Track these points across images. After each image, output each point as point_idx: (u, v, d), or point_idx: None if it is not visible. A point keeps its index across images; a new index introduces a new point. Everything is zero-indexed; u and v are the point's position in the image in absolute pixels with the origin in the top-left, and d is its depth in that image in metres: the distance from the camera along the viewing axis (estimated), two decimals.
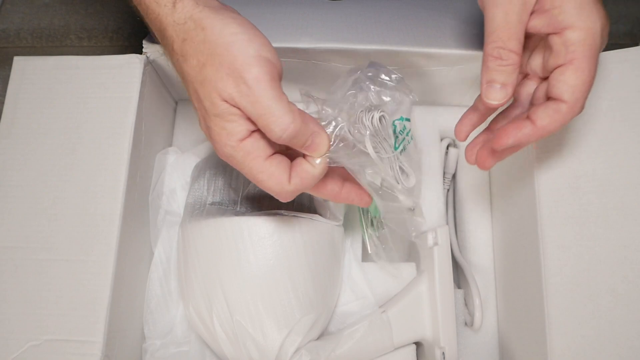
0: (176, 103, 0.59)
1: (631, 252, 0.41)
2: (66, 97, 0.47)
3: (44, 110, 0.46)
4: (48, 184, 0.44)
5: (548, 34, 0.34)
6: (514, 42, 0.33)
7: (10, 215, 0.44)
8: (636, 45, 0.45)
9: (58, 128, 0.46)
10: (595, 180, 0.42)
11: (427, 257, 0.50)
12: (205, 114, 0.35)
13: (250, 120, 0.34)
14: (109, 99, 0.46)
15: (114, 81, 0.47)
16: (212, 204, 0.48)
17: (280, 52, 0.41)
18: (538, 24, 0.34)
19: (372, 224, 0.50)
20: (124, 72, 0.47)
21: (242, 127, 0.34)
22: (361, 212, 0.51)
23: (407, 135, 0.43)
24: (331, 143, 0.37)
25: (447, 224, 0.56)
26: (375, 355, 0.48)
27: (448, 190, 0.58)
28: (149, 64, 0.49)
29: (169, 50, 0.35)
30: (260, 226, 0.44)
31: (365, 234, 0.50)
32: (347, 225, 0.53)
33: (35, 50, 0.67)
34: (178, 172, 0.54)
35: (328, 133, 0.37)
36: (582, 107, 0.33)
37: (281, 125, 0.33)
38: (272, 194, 0.36)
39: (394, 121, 0.42)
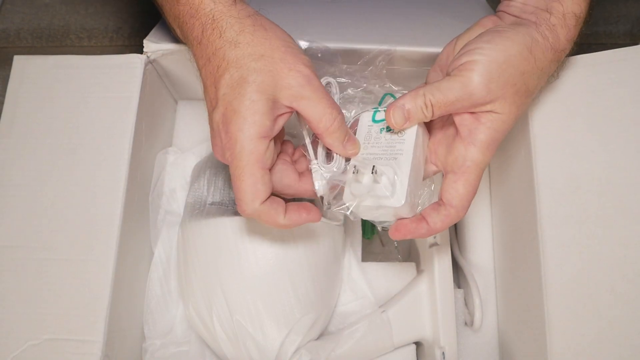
0: (176, 103, 0.59)
1: (631, 251, 0.41)
2: (66, 96, 0.47)
3: (44, 110, 0.46)
4: (48, 184, 0.44)
5: (460, 133, 0.39)
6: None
7: (10, 215, 0.44)
8: (636, 44, 0.45)
9: (58, 128, 0.46)
10: (595, 180, 0.42)
11: (427, 257, 0.50)
12: (237, 98, 0.36)
13: (275, 123, 0.37)
14: (109, 99, 0.46)
15: (114, 81, 0.47)
16: (212, 204, 0.48)
17: None
18: (466, 121, 0.38)
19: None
20: (124, 71, 0.47)
21: (269, 124, 0.36)
22: None
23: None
24: None
25: None
26: (375, 355, 0.48)
27: None
28: (150, 63, 0.49)
29: (214, 38, 0.37)
30: (260, 226, 0.44)
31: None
32: (347, 225, 0.53)
33: (35, 50, 0.67)
34: (178, 172, 0.54)
35: None
36: (466, 211, 0.39)
37: (334, 112, 0.38)
38: (238, 199, 0.37)
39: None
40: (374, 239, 0.60)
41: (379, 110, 0.41)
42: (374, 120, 0.41)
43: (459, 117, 0.38)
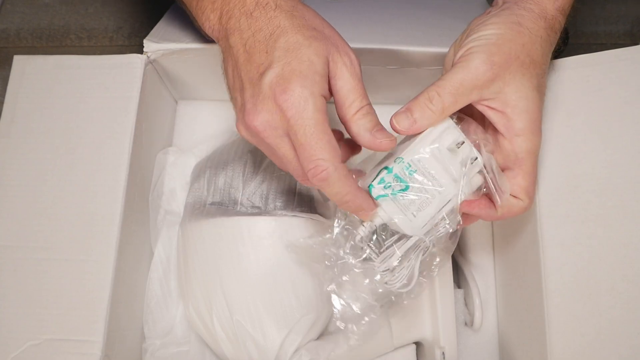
0: (176, 103, 0.59)
1: (630, 251, 0.41)
2: (66, 96, 0.47)
3: (44, 110, 0.46)
4: (48, 184, 0.44)
5: (499, 132, 0.38)
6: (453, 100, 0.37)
7: (9, 215, 0.44)
8: (636, 44, 0.45)
9: (58, 128, 0.46)
10: (595, 180, 0.42)
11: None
12: (295, 59, 0.35)
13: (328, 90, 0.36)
14: (109, 99, 0.46)
15: (114, 81, 0.47)
16: (212, 204, 0.48)
17: None
18: (495, 119, 0.38)
19: None
20: (124, 71, 0.47)
21: (326, 86, 0.36)
22: None
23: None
24: None
25: None
26: (375, 355, 0.48)
27: None
28: (150, 63, 0.49)
29: (269, 9, 0.37)
30: (260, 226, 0.44)
31: None
32: None
33: (35, 50, 0.67)
34: (178, 172, 0.54)
35: None
36: (532, 201, 0.39)
37: (365, 100, 0.36)
38: (317, 160, 0.34)
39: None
40: None
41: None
42: (392, 192, 0.38)
43: (487, 116, 0.38)
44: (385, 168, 0.38)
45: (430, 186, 0.37)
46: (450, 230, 0.39)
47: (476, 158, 0.38)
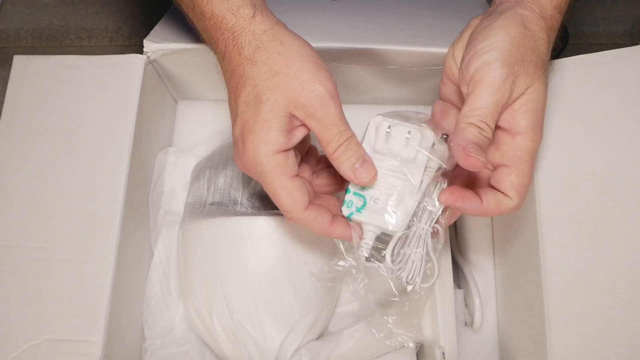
0: (176, 103, 0.59)
1: (630, 251, 0.41)
2: (66, 96, 0.47)
3: (44, 110, 0.46)
4: (48, 184, 0.44)
5: (501, 127, 0.38)
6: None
7: (9, 215, 0.44)
8: (636, 44, 0.45)
9: (58, 127, 0.46)
10: (595, 180, 0.42)
11: None
12: (252, 117, 0.36)
13: (292, 136, 0.37)
14: (109, 99, 0.46)
15: (114, 81, 0.47)
16: (212, 204, 0.48)
17: None
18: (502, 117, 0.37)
19: None
20: (124, 71, 0.47)
21: (284, 140, 0.36)
22: None
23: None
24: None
25: None
26: (375, 355, 0.48)
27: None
28: (150, 63, 0.49)
29: (234, 55, 0.37)
30: (260, 226, 0.44)
31: None
32: None
33: (35, 50, 0.67)
34: (178, 172, 0.54)
35: None
36: (522, 203, 0.38)
37: (343, 137, 0.36)
38: (282, 211, 0.37)
39: None
40: None
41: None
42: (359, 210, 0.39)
43: None
44: (347, 190, 0.39)
45: (394, 179, 0.38)
46: (442, 202, 0.39)
47: (410, 132, 0.38)
